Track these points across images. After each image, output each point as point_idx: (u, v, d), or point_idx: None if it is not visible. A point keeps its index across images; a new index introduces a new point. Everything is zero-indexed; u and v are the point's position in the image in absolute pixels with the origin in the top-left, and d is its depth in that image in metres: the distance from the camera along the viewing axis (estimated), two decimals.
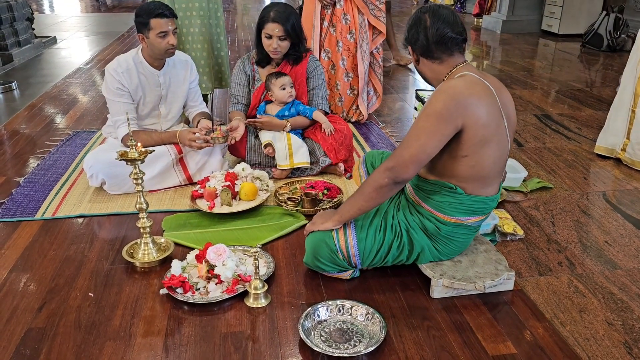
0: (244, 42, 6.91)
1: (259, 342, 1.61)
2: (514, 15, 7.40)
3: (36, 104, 4.11)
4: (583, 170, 2.90)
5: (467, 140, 1.65)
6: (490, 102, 1.66)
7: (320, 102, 2.84)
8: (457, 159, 1.69)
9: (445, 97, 1.63)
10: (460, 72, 1.72)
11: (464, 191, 1.74)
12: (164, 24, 2.44)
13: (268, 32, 2.64)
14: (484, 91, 1.66)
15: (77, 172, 2.81)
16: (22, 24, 5.74)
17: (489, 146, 1.67)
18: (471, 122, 1.62)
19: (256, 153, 2.75)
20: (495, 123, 1.67)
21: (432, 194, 1.79)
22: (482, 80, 1.69)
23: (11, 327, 1.68)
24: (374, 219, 1.84)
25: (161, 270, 1.96)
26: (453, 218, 1.77)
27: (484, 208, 1.79)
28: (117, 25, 8.19)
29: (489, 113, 1.65)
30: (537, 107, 4.02)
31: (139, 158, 1.88)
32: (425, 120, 1.65)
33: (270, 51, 2.69)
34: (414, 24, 1.76)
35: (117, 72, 2.50)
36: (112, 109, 2.57)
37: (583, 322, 1.71)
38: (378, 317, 1.65)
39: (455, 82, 1.66)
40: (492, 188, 1.78)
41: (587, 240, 2.20)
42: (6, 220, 2.32)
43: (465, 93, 1.62)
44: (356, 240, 1.80)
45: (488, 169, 1.72)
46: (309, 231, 1.89)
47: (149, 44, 2.49)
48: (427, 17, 1.72)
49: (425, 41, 1.73)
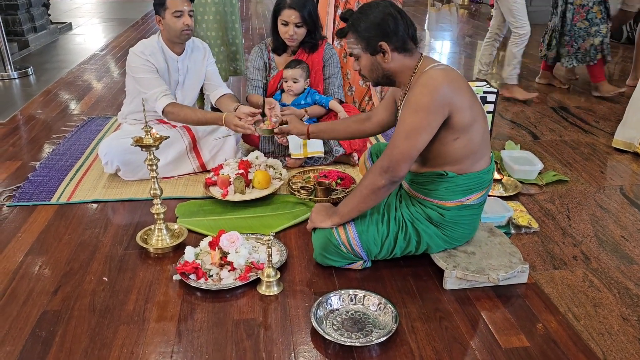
0: (257, 30, 6.89)
1: (271, 330, 1.62)
2: (532, 6, 7.27)
3: (51, 90, 4.14)
4: (600, 163, 2.86)
5: (456, 123, 1.67)
6: (465, 83, 1.71)
7: (336, 90, 2.83)
8: (448, 143, 1.71)
9: (430, 89, 1.63)
10: (429, 64, 1.72)
11: (455, 173, 1.75)
12: (180, 3, 2.44)
13: (284, 18, 2.62)
14: (458, 75, 1.71)
15: (92, 158, 2.83)
16: (38, 10, 5.77)
17: (477, 123, 1.72)
18: (457, 107, 1.65)
19: (270, 141, 2.74)
20: (476, 102, 1.72)
21: (427, 185, 1.80)
22: (448, 66, 1.73)
23: (27, 309, 1.70)
24: (372, 211, 1.84)
25: (174, 257, 1.97)
26: (454, 202, 1.78)
27: (480, 183, 1.79)
28: (132, 12, 8.20)
29: (469, 94, 1.70)
30: (554, 100, 3.97)
31: (153, 144, 1.89)
32: (414, 117, 1.64)
33: (286, 38, 2.67)
34: (388, 19, 1.68)
35: (144, 53, 2.49)
36: (144, 85, 2.49)
37: (598, 316, 1.70)
38: (390, 307, 1.65)
39: (434, 72, 1.66)
40: (484, 161, 1.80)
41: (603, 235, 2.17)
42: (22, 204, 2.35)
43: (446, 81, 1.64)
44: (356, 233, 1.80)
45: (477, 145, 1.75)
46: (309, 229, 1.92)
47: (165, 25, 2.48)
48: (392, 9, 1.70)
49: (403, 34, 1.71)
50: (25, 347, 1.55)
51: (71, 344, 1.56)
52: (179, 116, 2.48)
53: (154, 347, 1.55)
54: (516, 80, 3.99)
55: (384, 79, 1.80)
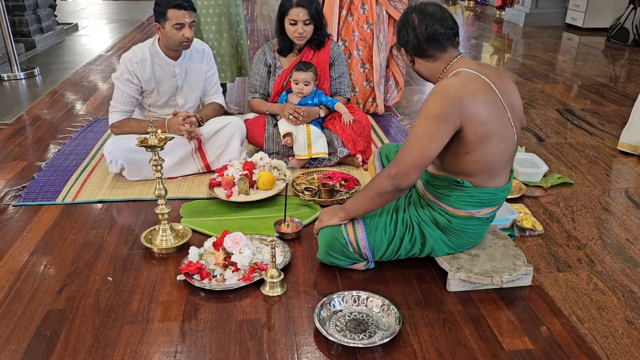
0: (262, 32, 6.90)
1: (274, 330, 1.62)
2: (537, 8, 7.28)
3: (57, 90, 4.16)
4: (605, 166, 2.85)
5: (467, 137, 1.63)
6: (488, 97, 1.63)
7: (346, 89, 2.87)
8: (459, 156, 1.68)
9: (441, 97, 1.60)
10: (456, 69, 1.69)
11: (471, 184, 1.73)
12: (181, 15, 2.42)
13: (293, 17, 2.63)
14: (481, 87, 1.63)
15: (97, 158, 2.84)
16: (44, 11, 5.81)
17: (491, 141, 1.65)
18: (469, 120, 1.60)
19: (274, 142, 2.75)
20: (495, 118, 1.64)
21: (441, 189, 1.78)
22: (477, 75, 1.65)
23: (32, 308, 1.71)
24: (382, 211, 1.84)
25: (179, 257, 1.97)
26: (463, 211, 1.76)
27: (493, 199, 1.77)
28: (137, 13, 8.24)
29: (487, 109, 1.62)
30: (559, 102, 3.96)
31: (158, 145, 1.90)
32: (424, 124, 1.62)
33: (295, 37, 2.68)
34: (403, 26, 1.74)
35: (131, 62, 2.51)
36: (116, 95, 2.58)
37: (602, 319, 1.69)
38: (394, 309, 1.65)
39: (449, 81, 1.64)
40: (501, 179, 1.76)
41: (607, 238, 2.17)
42: (28, 204, 2.36)
43: (460, 92, 1.60)
44: (365, 233, 1.80)
45: (493, 163, 1.70)
46: (317, 229, 1.90)
47: (164, 34, 2.47)
48: (415, 17, 1.71)
49: (416, 41, 1.71)
50: (29, 345, 1.56)
51: (75, 343, 1.56)
52: (127, 130, 2.55)
53: (158, 346, 1.55)
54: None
55: (422, 77, 1.85)
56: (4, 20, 4.48)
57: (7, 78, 4.45)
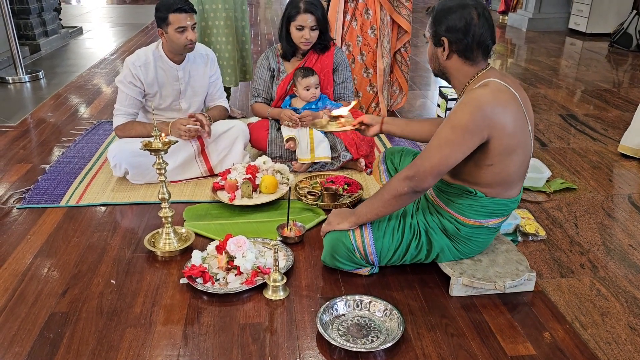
0: (266, 36, 6.92)
1: (277, 334, 1.62)
2: (540, 13, 7.29)
3: (62, 94, 4.18)
4: (608, 171, 2.84)
5: (493, 149, 1.62)
6: (515, 109, 1.61)
7: (350, 94, 2.88)
8: (482, 167, 1.67)
9: (472, 108, 1.57)
10: (485, 78, 1.65)
11: (484, 195, 1.72)
12: (183, 19, 2.42)
13: (300, 23, 2.64)
14: (510, 99, 1.61)
15: (101, 161, 2.85)
16: (49, 14, 5.84)
17: (516, 153, 1.64)
18: (497, 132, 1.58)
19: (277, 146, 2.75)
20: (520, 130, 1.63)
21: (453, 197, 1.78)
22: (506, 86, 1.63)
23: (36, 310, 1.72)
24: (391, 218, 1.83)
25: (182, 260, 1.98)
26: (473, 220, 1.76)
27: (505, 210, 1.77)
28: (141, 17, 8.27)
29: (515, 121, 1.61)
30: (562, 107, 3.96)
31: (162, 148, 1.90)
32: (451, 133, 1.59)
33: (301, 42, 2.69)
34: (462, 20, 1.60)
35: (134, 65, 2.52)
36: (119, 97, 2.59)
37: (605, 325, 1.69)
38: (396, 314, 1.65)
39: (481, 92, 1.59)
40: (515, 190, 1.76)
41: (610, 243, 2.16)
42: (32, 207, 2.37)
43: (492, 103, 1.57)
44: (373, 239, 1.80)
45: (513, 175, 1.69)
46: (325, 232, 1.89)
47: (167, 39, 2.48)
48: (475, 15, 1.60)
49: (470, 40, 1.61)
50: (33, 348, 1.56)
51: (79, 346, 1.57)
52: (131, 133, 2.55)
53: (161, 350, 1.56)
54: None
55: (440, 73, 1.76)
56: (9, 23, 4.50)
57: (12, 81, 4.47)
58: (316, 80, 2.71)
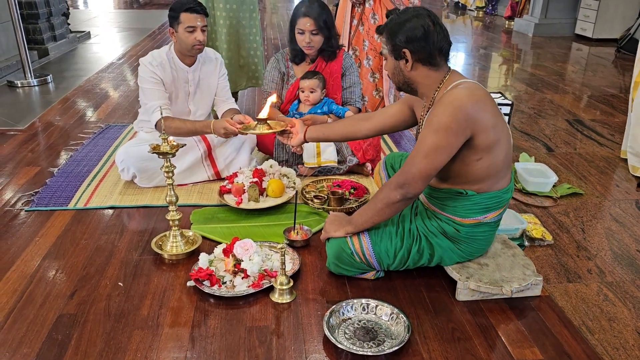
0: (272, 41, 6.95)
1: (284, 337, 1.63)
2: (546, 19, 7.29)
3: (70, 97, 4.21)
4: (615, 177, 2.84)
5: (479, 144, 1.64)
6: (491, 103, 1.66)
7: (357, 99, 2.89)
8: (470, 163, 1.69)
9: (452, 109, 1.60)
10: (454, 80, 1.69)
11: (476, 192, 1.74)
12: (193, 19, 2.46)
13: (300, 27, 2.66)
14: (485, 95, 1.66)
15: (109, 165, 2.87)
16: (58, 19, 5.89)
17: (499, 143, 1.68)
18: (481, 127, 1.62)
19: (284, 150, 2.76)
20: (500, 121, 1.68)
21: (446, 201, 1.79)
22: (476, 83, 1.68)
23: (44, 312, 1.73)
24: (387, 222, 1.84)
25: (189, 263, 1.99)
26: (471, 219, 1.77)
27: (499, 202, 1.78)
28: (148, 21, 8.32)
29: (494, 113, 1.65)
30: (569, 112, 3.96)
31: (170, 152, 1.92)
32: (434, 136, 1.62)
33: (303, 46, 2.71)
34: (419, 29, 1.63)
35: (152, 64, 2.53)
36: (147, 95, 2.54)
37: (612, 331, 1.68)
38: (403, 318, 1.65)
39: (458, 92, 1.63)
40: (505, 180, 1.77)
41: (618, 249, 2.16)
42: (40, 209, 2.39)
43: (471, 102, 1.60)
44: (370, 243, 1.81)
45: (501, 164, 1.72)
46: (323, 239, 1.92)
47: (177, 38, 2.52)
48: (430, 22, 1.65)
49: (431, 47, 1.65)
50: (41, 349, 1.57)
51: (86, 348, 1.58)
52: (170, 129, 2.48)
53: (168, 352, 1.56)
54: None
55: (405, 86, 1.78)
56: (18, 28, 4.54)
57: (20, 85, 4.51)
58: (311, 84, 2.70)
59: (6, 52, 5.09)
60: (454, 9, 10.12)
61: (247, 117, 2.42)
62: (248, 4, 3.42)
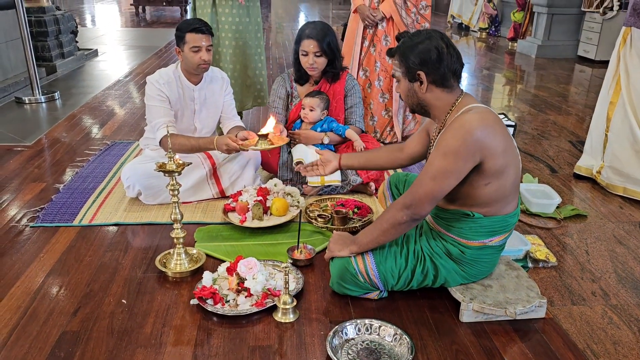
0: (277, 60, 7.01)
1: (287, 357, 1.62)
2: (549, 40, 7.35)
3: (77, 114, 4.25)
4: (619, 199, 2.84)
5: (488, 169, 1.65)
6: (501, 128, 1.66)
7: (358, 119, 2.89)
8: (479, 188, 1.69)
9: (462, 133, 1.60)
10: (466, 104, 1.70)
11: (483, 215, 1.74)
12: (198, 39, 2.50)
13: (304, 48, 2.69)
14: (496, 120, 1.66)
15: (114, 182, 2.89)
16: (66, 37, 5.97)
17: (508, 168, 1.68)
18: (490, 152, 1.62)
19: (288, 169, 2.78)
20: (510, 146, 1.68)
21: (452, 222, 1.79)
22: (488, 108, 1.69)
23: (47, 329, 1.73)
24: (392, 243, 1.84)
25: (192, 281, 1.99)
26: (476, 242, 1.77)
27: (505, 226, 1.78)
28: (155, 40, 8.42)
29: (504, 138, 1.65)
30: (572, 133, 3.97)
31: (176, 170, 1.93)
32: (443, 159, 1.63)
33: (307, 68, 2.74)
34: (433, 51, 1.65)
35: (159, 82, 2.57)
36: (152, 113, 2.58)
37: (617, 354, 1.67)
38: (406, 338, 1.64)
39: (469, 117, 1.63)
40: (512, 205, 1.78)
41: (622, 271, 2.15)
42: (45, 225, 2.40)
43: (481, 127, 1.61)
44: (375, 263, 1.81)
45: (509, 189, 1.72)
46: (327, 259, 1.92)
47: (183, 57, 2.56)
48: (443, 44, 1.67)
49: (445, 69, 1.67)
50: None
51: None
52: (174, 145, 2.49)
53: None
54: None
55: (419, 108, 1.79)
56: (28, 46, 4.61)
57: (28, 101, 4.55)
58: (311, 102, 2.73)
59: (15, 69, 5.15)
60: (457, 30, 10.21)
61: (251, 132, 2.45)
62: (253, 25, 3.48)
